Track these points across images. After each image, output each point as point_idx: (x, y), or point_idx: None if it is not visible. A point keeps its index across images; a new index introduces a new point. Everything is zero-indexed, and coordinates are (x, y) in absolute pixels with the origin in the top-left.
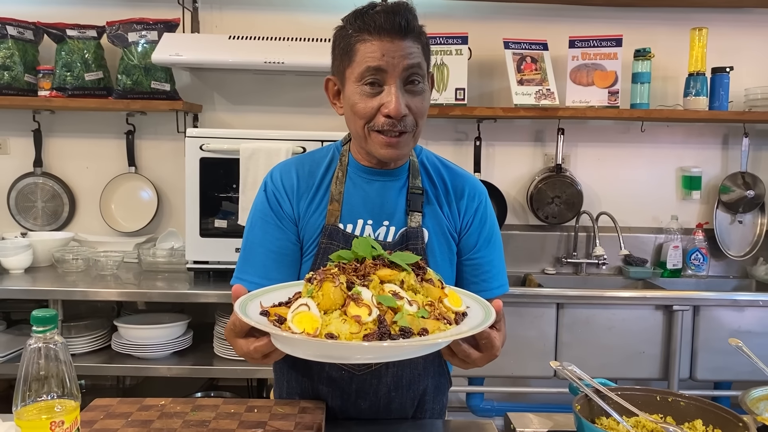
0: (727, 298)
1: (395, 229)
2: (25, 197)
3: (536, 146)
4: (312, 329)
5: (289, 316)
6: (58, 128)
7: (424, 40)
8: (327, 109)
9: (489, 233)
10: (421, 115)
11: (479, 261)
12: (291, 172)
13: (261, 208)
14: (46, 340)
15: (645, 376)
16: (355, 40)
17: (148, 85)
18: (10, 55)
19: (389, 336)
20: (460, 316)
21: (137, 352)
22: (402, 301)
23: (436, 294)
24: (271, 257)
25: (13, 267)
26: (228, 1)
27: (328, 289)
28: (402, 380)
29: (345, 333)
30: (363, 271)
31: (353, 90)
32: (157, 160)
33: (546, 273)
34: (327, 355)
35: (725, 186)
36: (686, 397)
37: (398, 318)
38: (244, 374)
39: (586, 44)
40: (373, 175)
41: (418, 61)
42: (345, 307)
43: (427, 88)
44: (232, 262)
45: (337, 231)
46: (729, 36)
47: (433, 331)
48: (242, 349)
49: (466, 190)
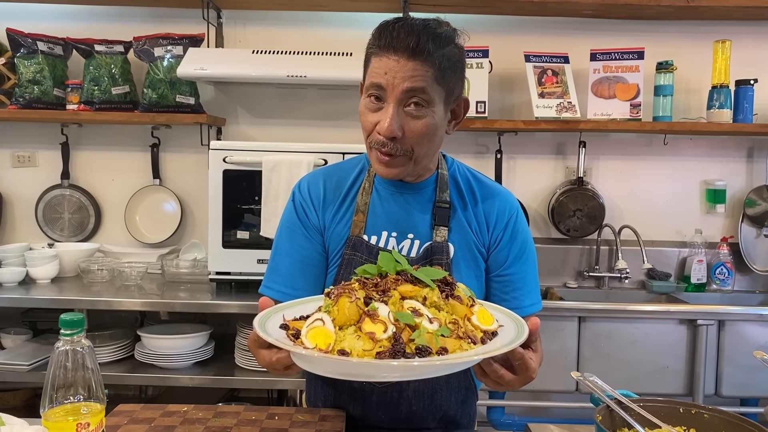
0: (753, 313)
1: (420, 243)
2: (53, 209)
3: (557, 159)
4: (324, 345)
5: (303, 330)
6: (85, 141)
7: (441, 65)
8: (348, 123)
9: (521, 249)
10: (419, 141)
11: (510, 278)
12: (319, 182)
13: (288, 218)
14: (74, 343)
15: (669, 392)
16: (370, 52)
17: (173, 98)
18: (40, 69)
19: (403, 354)
20: (488, 335)
21: (160, 361)
22: (421, 318)
23: (462, 311)
24: (297, 266)
25: (40, 277)
26: (252, 16)
27: (343, 304)
28: (423, 394)
29: (357, 350)
30: (383, 287)
31: (363, 99)
32: (181, 173)
33: (568, 286)
34: (340, 372)
35: (750, 199)
36: (710, 409)
37: (416, 336)
38: (264, 385)
39: (608, 57)
40: (398, 188)
41: (422, 86)
42: (360, 323)
43: (433, 113)
44: (254, 273)
45: (360, 242)
46: (752, 48)
47: (453, 351)
48: (265, 360)
49: (496, 205)
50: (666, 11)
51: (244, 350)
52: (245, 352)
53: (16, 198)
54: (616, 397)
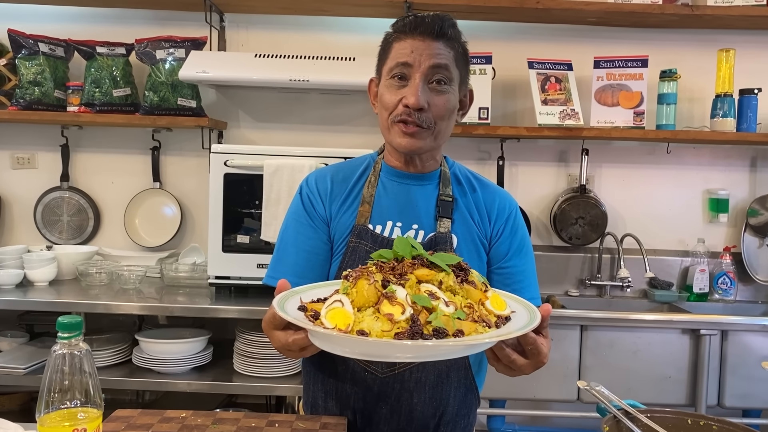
0: (757, 323)
1: (424, 234)
2: (51, 211)
3: (560, 166)
4: (344, 325)
5: (323, 311)
6: (85, 143)
7: (459, 49)
8: (350, 127)
9: (520, 243)
10: (441, 116)
11: (510, 270)
12: (326, 177)
13: (295, 210)
14: (71, 346)
15: (671, 402)
16: (392, 39)
17: (174, 101)
18: (41, 71)
19: (421, 336)
20: (502, 320)
21: (157, 366)
22: (438, 301)
23: (476, 296)
24: (302, 256)
25: (38, 279)
26: (254, 20)
27: (362, 286)
28: (425, 385)
29: (376, 330)
30: (400, 270)
31: (383, 83)
32: (182, 176)
33: (569, 295)
34: (358, 352)
35: (753, 209)
36: (718, 421)
37: (432, 318)
38: (263, 391)
39: (612, 65)
40: (403, 179)
41: (446, 63)
42: (378, 305)
43: (453, 91)
44: (253, 278)
45: (366, 231)
46: (757, 57)
47: (469, 334)
48: (280, 341)
49: (497, 201)
50: (670, 19)
51: (243, 355)
52: (244, 357)
53: (15, 200)
54: (624, 408)
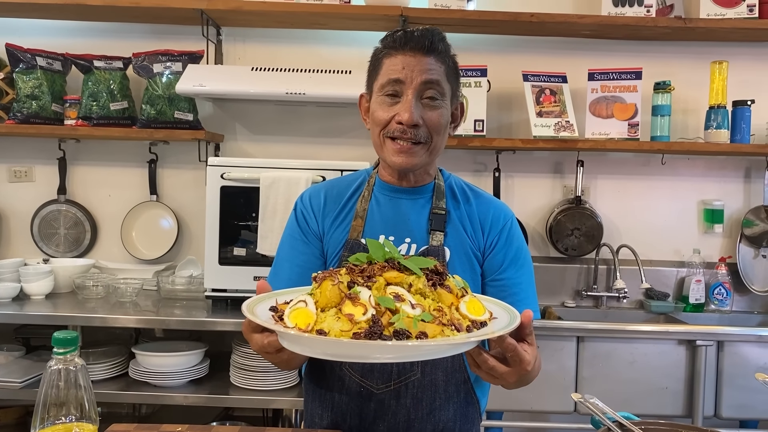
0: (753, 334)
1: (416, 247)
2: (48, 224)
3: (555, 178)
4: (305, 325)
5: (286, 311)
6: (82, 157)
7: (450, 64)
8: (347, 140)
9: (516, 254)
10: (437, 130)
11: (505, 282)
12: (320, 193)
13: (290, 226)
14: (67, 362)
15: (668, 413)
16: (383, 55)
17: (171, 114)
18: (38, 84)
19: (380, 336)
20: (476, 324)
21: (154, 379)
22: (403, 303)
23: (448, 300)
24: (296, 271)
25: (35, 293)
26: (251, 33)
27: (326, 287)
28: (422, 403)
29: (335, 330)
30: (369, 272)
31: (375, 100)
32: (179, 189)
33: (566, 306)
34: (317, 351)
35: (748, 220)
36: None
37: (395, 320)
38: (260, 404)
39: (606, 77)
40: (396, 193)
41: (437, 78)
42: (341, 305)
43: (446, 105)
44: (250, 290)
45: (358, 245)
46: (750, 69)
47: (433, 336)
48: (257, 344)
49: (491, 211)
50: (663, 32)
51: (240, 368)
52: (240, 370)
53: (12, 213)
54: (618, 420)
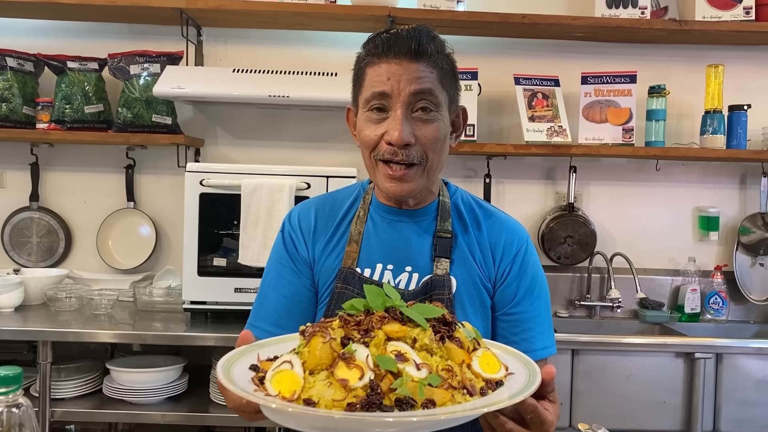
0: (752, 346)
1: (419, 276)
2: (20, 232)
3: (547, 184)
4: (289, 392)
5: (268, 374)
6: (56, 162)
7: (444, 66)
8: (332, 145)
9: (531, 284)
10: (432, 147)
11: (519, 317)
12: (310, 212)
13: (277, 250)
14: (9, 403)
15: (666, 428)
16: (365, 63)
17: (149, 118)
18: (8, 86)
19: (379, 407)
20: (491, 384)
21: (130, 396)
22: (407, 363)
23: (459, 357)
24: (282, 302)
25: (3, 305)
26: (233, 34)
27: (315, 345)
28: None
29: (327, 399)
30: (366, 325)
31: (361, 116)
32: (157, 196)
33: (559, 316)
34: (304, 425)
35: (745, 227)
36: None
37: (397, 385)
38: (241, 422)
39: (599, 80)
40: (395, 215)
41: (429, 87)
42: (333, 368)
43: (442, 117)
44: (231, 302)
45: (353, 275)
46: (746, 74)
47: (442, 404)
48: (234, 402)
49: (503, 236)
50: (658, 35)
51: None
52: None
53: None
54: None
